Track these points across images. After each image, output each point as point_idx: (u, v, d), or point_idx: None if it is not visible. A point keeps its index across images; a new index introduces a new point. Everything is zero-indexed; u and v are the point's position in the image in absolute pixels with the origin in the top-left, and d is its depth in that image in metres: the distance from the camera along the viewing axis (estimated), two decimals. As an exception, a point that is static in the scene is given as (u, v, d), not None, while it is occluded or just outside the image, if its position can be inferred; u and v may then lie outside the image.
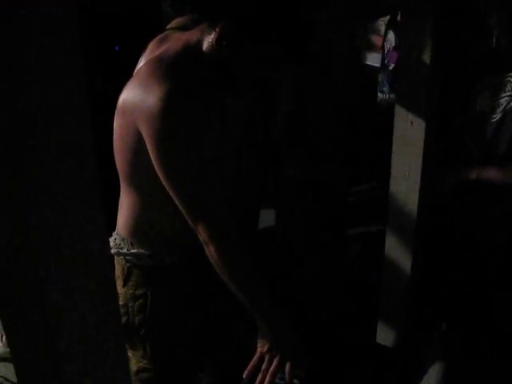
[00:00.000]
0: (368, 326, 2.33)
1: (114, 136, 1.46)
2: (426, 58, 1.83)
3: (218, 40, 1.35)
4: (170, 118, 1.31)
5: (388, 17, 3.28)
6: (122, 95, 1.40)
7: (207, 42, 1.39)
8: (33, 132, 0.61)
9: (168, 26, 1.62)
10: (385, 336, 2.23)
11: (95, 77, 2.90)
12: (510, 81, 1.93)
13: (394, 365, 2.03)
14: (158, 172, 1.36)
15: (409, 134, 1.89)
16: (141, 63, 1.53)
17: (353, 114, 2.53)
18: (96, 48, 2.85)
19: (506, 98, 1.97)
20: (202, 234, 1.39)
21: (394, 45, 3.33)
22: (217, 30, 1.35)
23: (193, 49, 1.41)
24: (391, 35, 3.37)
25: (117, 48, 3.11)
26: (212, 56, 1.39)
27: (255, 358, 1.49)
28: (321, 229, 2.46)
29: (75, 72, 0.64)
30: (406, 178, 1.93)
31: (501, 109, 1.98)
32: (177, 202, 1.38)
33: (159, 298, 1.58)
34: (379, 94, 3.48)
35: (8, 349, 3.03)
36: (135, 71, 1.52)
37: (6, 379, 2.90)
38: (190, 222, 1.39)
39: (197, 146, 1.36)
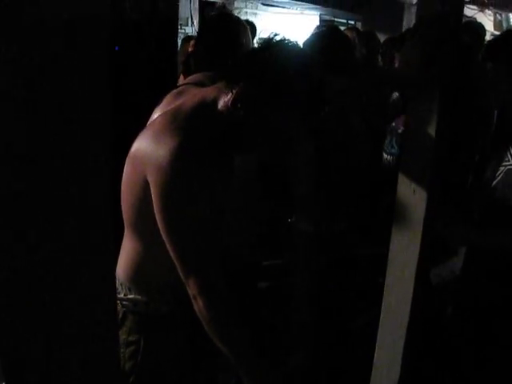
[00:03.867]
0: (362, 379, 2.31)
1: (123, 182, 1.49)
2: (432, 128, 1.86)
3: (233, 101, 1.38)
4: (178, 170, 1.33)
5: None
6: (135, 144, 1.43)
7: (223, 101, 1.42)
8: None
9: (185, 81, 1.66)
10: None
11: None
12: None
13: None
14: (157, 221, 1.38)
15: (411, 202, 1.91)
16: (155, 114, 1.57)
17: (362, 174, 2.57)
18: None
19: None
20: (192, 289, 1.40)
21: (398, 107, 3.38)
22: (233, 91, 1.38)
23: (208, 106, 1.44)
24: (396, 97, 3.42)
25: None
26: (226, 116, 1.42)
27: None
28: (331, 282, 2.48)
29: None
30: (405, 247, 1.93)
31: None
32: (171, 254, 1.40)
33: (152, 346, 1.58)
34: (385, 155, 3.52)
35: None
36: (149, 122, 1.55)
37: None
38: (181, 275, 1.40)
39: (200, 202, 1.37)
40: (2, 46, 0.57)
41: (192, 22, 6.31)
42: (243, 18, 5.00)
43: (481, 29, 4.28)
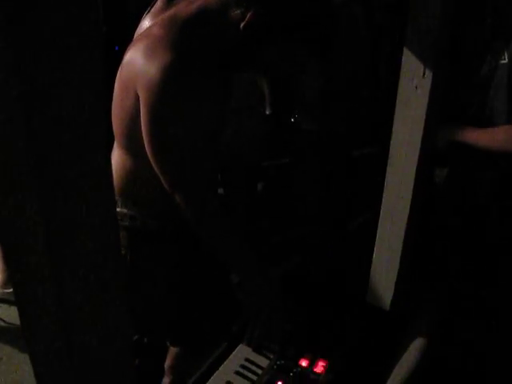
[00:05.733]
0: (359, 284, 2.37)
1: (114, 94, 1.44)
2: (435, 21, 1.79)
3: (246, 25, 1.29)
4: (169, 88, 1.26)
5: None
6: (127, 55, 1.35)
7: (229, 18, 1.32)
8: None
9: None
10: (374, 296, 2.27)
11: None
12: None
13: (382, 326, 2.07)
14: (144, 137, 1.34)
15: (412, 99, 1.87)
16: (146, 21, 1.48)
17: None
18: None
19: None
20: (179, 202, 1.38)
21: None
22: (246, 13, 1.29)
23: (208, 19, 1.34)
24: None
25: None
26: (232, 34, 1.33)
27: (243, 316, 1.53)
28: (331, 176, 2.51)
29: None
30: (406, 144, 1.92)
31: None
32: (156, 171, 1.37)
33: (138, 262, 1.58)
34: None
35: (4, 290, 3.09)
36: (139, 28, 1.48)
37: (1, 319, 2.97)
38: (166, 189, 1.38)
39: (189, 123, 1.32)
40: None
41: None
42: None
43: None
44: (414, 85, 1.85)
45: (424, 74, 1.84)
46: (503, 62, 1.93)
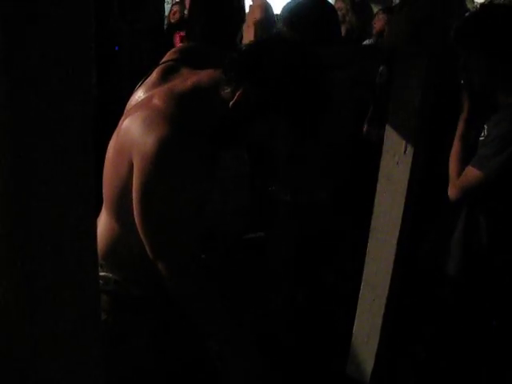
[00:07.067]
0: (339, 356, 2.35)
1: (108, 159, 1.46)
2: (416, 101, 1.87)
3: (235, 104, 1.34)
4: (164, 159, 1.30)
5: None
6: (126, 122, 1.39)
7: (220, 96, 1.37)
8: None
9: (173, 56, 1.61)
10: (355, 368, 2.25)
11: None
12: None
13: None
14: (133, 203, 1.36)
15: (394, 175, 1.93)
16: (140, 92, 1.52)
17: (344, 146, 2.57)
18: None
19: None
20: (161, 270, 1.39)
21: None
22: (235, 92, 1.34)
23: (203, 97, 1.40)
24: (384, 70, 3.40)
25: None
26: (221, 112, 1.38)
27: None
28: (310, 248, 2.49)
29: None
30: (388, 217, 1.96)
31: None
32: (140, 234, 1.39)
33: (119, 328, 1.56)
34: (367, 126, 3.53)
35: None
36: (132, 98, 1.52)
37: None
38: (150, 257, 1.40)
39: (179, 192, 1.36)
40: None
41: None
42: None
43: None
44: (396, 161, 1.91)
45: (405, 150, 1.91)
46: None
